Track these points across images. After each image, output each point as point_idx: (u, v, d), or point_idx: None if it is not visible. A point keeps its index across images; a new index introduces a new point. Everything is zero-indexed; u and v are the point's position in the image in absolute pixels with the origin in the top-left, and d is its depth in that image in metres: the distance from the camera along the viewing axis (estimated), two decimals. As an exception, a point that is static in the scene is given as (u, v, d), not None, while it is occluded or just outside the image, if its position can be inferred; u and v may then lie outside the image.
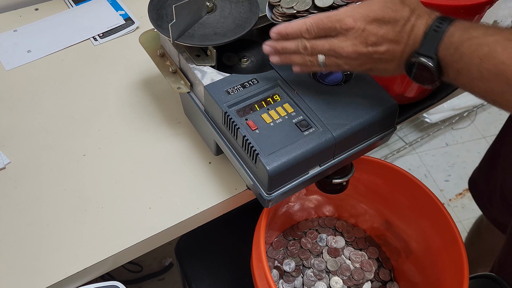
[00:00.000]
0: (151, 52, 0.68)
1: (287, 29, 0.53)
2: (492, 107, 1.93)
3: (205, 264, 0.85)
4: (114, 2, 0.94)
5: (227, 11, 0.65)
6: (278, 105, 0.58)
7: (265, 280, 0.60)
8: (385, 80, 0.70)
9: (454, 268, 0.66)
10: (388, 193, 0.77)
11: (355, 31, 0.49)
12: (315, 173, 0.58)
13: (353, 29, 0.49)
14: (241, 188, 0.67)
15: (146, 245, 0.64)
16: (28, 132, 0.72)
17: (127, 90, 0.79)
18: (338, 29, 0.50)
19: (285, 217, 0.83)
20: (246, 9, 0.65)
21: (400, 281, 0.81)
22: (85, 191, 0.66)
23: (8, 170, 0.68)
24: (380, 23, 0.49)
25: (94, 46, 0.86)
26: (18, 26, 0.88)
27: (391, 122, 0.62)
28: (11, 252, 0.60)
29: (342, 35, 0.50)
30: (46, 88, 0.79)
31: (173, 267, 1.36)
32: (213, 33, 0.62)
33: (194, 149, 0.71)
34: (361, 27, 0.49)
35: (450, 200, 1.65)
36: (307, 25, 0.51)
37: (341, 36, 0.50)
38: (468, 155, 1.77)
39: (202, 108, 0.63)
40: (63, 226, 0.63)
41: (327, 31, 0.50)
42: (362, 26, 0.49)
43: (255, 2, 0.66)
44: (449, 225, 0.68)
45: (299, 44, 0.53)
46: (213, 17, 0.64)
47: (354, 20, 0.49)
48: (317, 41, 0.52)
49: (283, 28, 0.53)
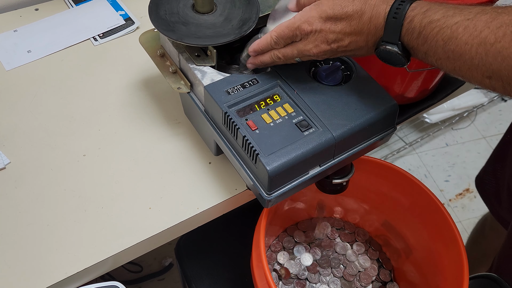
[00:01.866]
0: (151, 52, 0.68)
1: (259, 46, 0.58)
2: (492, 107, 1.93)
3: (205, 264, 0.85)
4: (114, 2, 0.94)
5: (227, 11, 0.65)
6: (278, 105, 0.58)
7: (265, 280, 0.60)
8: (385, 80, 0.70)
9: (454, 268, 0.66)
10: (388, 193, 0.77)
11: (313, 34, 0.53)
12: (315, 173, 0.58)
13: (311, 32, 0.53)
14: (241, 188, 0.67)
15: (146, 245, 0.64)
16: (28, 132, 0.73)
17: (127, 90, 0.79)
18: (299, 35, 0.54)
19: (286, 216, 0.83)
20: (246, 9, 0.65)
21: (400, 281, 0.81)
22: (85, 191, 0.66)
23: (8, 170, 0.68)
24: (335, 21, 0.52)
25: (94, 46, 0.86)
26: (18, 26, 0.88)
27: (391, 122, 0.62)
28: (11, 252, 0.60)
29: (304, 39, 0.54)
30: (46, 88, 0.79)
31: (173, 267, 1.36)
32: (213, 33, 0.62)
33: (194, 149, 0.71)
34: (317, 28, 0.53)
35: (450, 200, 1.65)
36: (274, 39, 0.56)
37: (304, 40, 0.55)
38: (468, 155, 1.77)
39: (202, 108, 0.63)
40: (63, 226, 0.63)
41: (292, 38, 0.55)
42: (319, 27, 0.52)
43: (255, 2, 0.66)
44: (449, 225, 0.68)
45: (273, 56, 0.58)
46: (213, 17, 0.64)
47: (309, 24, 0.53)
48: (286, 49, 0.57)
49: (256, 45, 0.59)
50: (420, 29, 0.47)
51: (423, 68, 0.72)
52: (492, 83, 0.44)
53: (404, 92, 0.77)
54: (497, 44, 0.42)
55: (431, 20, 0.47)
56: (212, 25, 0.63)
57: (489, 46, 0.43)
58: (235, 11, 0.65)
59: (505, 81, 0.43)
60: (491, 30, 0.43)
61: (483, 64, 0.44)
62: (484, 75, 0.44)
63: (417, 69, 0.72)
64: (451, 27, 0.45)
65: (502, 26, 0.42)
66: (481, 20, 0.44)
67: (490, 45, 0.43)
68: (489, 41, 0.43)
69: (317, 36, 0.53)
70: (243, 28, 0.63)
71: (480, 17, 0.44)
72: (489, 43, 0.43)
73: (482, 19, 0.44)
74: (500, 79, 0.43)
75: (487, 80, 0.45)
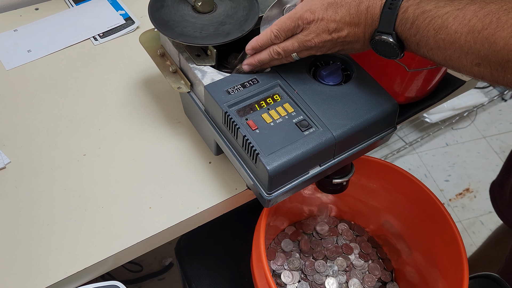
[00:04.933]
0: (151, 52, 0.68)
1: (258, 42, 0.58)
2: (492, 107, 1.93)
3: (205, 264, 0.85)
4: (114, 1, 0.94)
5: (227, 11, 0.65)
6: (278, 105, 0.58)
7: (265, 280, 0.60)
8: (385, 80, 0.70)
9: (454, 268, 0.66)
10: (388, 193, 0.77)
11: (315, 22, 0.54)
12: (315, 173, 0.58)
13: (313, 21, 0.54)
14: (241, 188, 0.67)
15: (146, 245, 0.64)
16: (28, 131, 0.73)
17: (127, 89, 0.79)
18: (301, 25, 0.55)
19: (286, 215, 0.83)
20: (246, 9, 0.65)
21: (400, 281, 0.81)
22: (85, 191, 0.66)
23: (8, 170, 0.68)
24: (336, 8, 0.53)
25: (94, 46, 0.86)
26: (19, 26, 0.88)
27: (391, 122, 0.62)
28: (11, 252, 0.60)
29: (305, 29, 0.55)
30: (46, 88, 0.79)
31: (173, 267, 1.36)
32: (213, 33, 0.62)
33: (194, 149, 0.71)
34: (320, 16, 0.53)
35: (450, 200, 1.65)
36: (274, 32, 0.56)
37: (305, 30, 0.55)
38: (468, 155, 1.77)
39: (202, 108, 0.63)
40: (63, 226, 0.63)
41: (293, 30, 0.55)
42: (321, 15, 0.53)
43: (255, 2, 0.66)
44: (449, 225, 0.68)
45: (271, 52, 0.58)
46: (213, 17, 0.64)
47: (311, 12, 0.54)
48: (286, 42, 0.57)
49: (255, 42, 0.59)
50: (413, 19, 0.49)
51: (423, 68, 0.72)
52: (481, 70, 0.46)
53: (404, 92, 0.77)
54: (484, 31, 0.44)
55: (424, 11, 0.48)
56: (210, 25, 0.63)
57: (477, 33, 0.45)
58: (235, 11, 0.65)
59: (493, 67, 0.45)
60: (478, 18, 0.45)
61: (472, 51, 0.45)
62: (473, 62, 0.46)
63: (417, 68, 0.72)
64: (441, 17, 0.47)
65: (489, 14, 0.44)
66: (470, 10, 0.46)
67: (478, 32, 0.45)
68: (477, 29, 0.45)
69: (319, 25, 0.54)
70: (243, 28, 0.62)
71: (469, 7, 0.46)
72: (477, 30, 0.45)
73: (471, 8, 0.46)
74: (488, 65, 0.45)
75: (476, 68, 0.46)
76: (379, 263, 0.83)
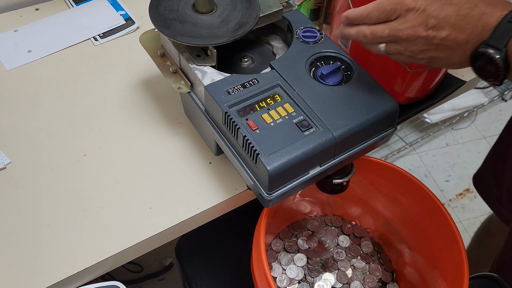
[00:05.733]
0: (152, 52, 0.68)
1: (350, 14, 0.54)
2: (492, 107, 1.93)
3: (205, 264, 0.85)
4: (114, 2, 0.94)
5: (226, 13, 0.65)
6: (279, 105, 0.58)
7: (265, 280, 0.60)
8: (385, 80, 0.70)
9: (454, 269, 0.66)
10: (388, 193, 0.77)
11: (415, 11, 0.48)
12: (316, 173, 0.58)
13: (413, 9, 0.48)
14: (241, 188, 0.67)
15: (146, 245, 0.64)
16: (29, 132, 0.73)
17: (127, 90, 0.79)
18: (399, 11, 0.49)
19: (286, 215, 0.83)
20: (246, 13, 0.65)
21: (400, 281, 0.81)
22: (85, 191, 0.66)
23: (8, 170, 0.68)
24: (443, 3, 0.47)
25: (95, 46, 0.86)
26: (19, 26, 0.88)
27: (392, 122, 0.62)
28: (11, 252, 0.60)
29: (402, 17, 0.49)
30: (46, 88, 0.79)
31: (173, 267, 1.36)
32: (207, 33, 0.62)
33: (194, 149, 0.71)
34: (422, 7, 0.48)
35: (450, 200, 1.65)
36: (368, 11, 0.51)
37: (401, 18, 0.49)
38: (469, 155, 1.77)
39: (203, 108, 0.63)
40: (63, 226, 0.63)
41: (388, 13, 0.50)
42: (423, 6, 0.48)
43: (255, 6, 0.66)
44: (449, 225, 0.68)
45: (359, 32, 0.53)
46: (211, 18, 0.64)
47: (414, 0, 0.48)
48: (377, 26, 0.51)
49: (349, 12, 0.54)
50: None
51: (423, 68, 0.72)
52: None
53: (405, 92, 0.77)
54: None
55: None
56: (208, 26, 0.63)
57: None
58: (234, 14, 0.65)
59: None
60: None
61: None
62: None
63: (418, 69, 0.72)
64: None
65: None
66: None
67: None
68: None
69: (417, 15, 0.48)
70: (238, 31, 0.62)
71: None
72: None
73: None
74: None
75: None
76: (379, 263, 0.83)
